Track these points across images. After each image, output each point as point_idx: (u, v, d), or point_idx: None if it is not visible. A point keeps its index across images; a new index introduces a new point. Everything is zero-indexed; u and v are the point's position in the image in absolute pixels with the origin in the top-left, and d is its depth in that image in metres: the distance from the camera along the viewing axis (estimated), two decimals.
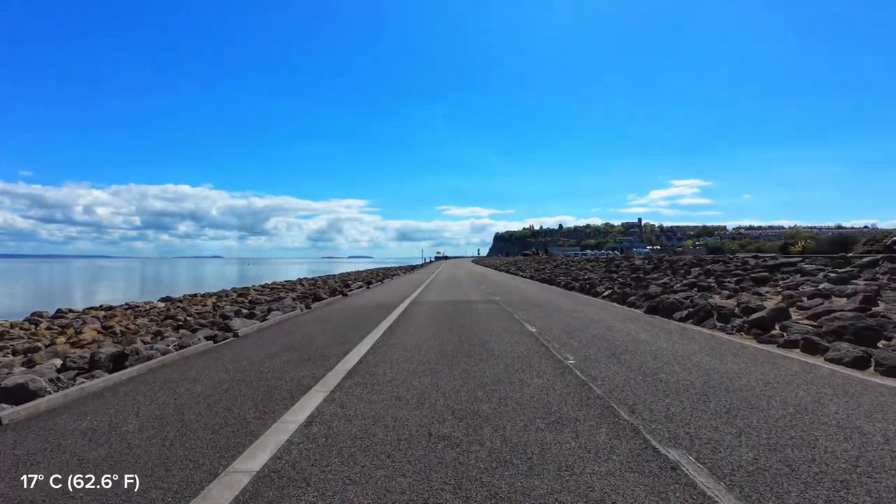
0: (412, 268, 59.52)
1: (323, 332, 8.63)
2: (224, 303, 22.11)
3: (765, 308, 8.28)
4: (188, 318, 16.80)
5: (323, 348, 6.99)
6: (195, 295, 26.37)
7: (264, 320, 11.05)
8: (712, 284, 11.75)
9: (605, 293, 13.80)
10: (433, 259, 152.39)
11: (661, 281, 14.66)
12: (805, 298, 8.66)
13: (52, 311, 17.88)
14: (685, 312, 8.93)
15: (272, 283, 34.38)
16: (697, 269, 15.10)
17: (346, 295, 17.50)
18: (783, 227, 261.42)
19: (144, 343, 11.57)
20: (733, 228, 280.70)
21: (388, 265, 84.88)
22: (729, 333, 7.57)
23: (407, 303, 13.56)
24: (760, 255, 17.95)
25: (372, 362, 5.96)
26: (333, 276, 46.13)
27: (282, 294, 23.56)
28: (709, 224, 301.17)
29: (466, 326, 8.76)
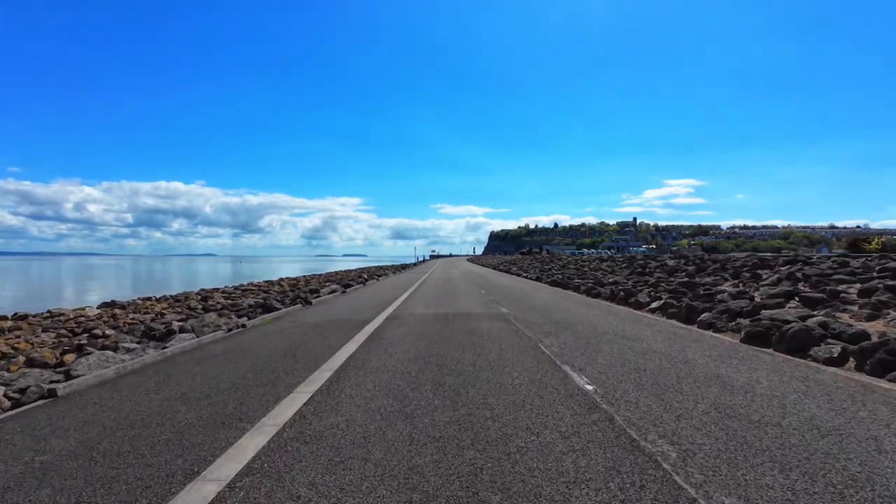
0: (403, 267, 55.67)
1: (218, 386, 4.92)
2: (175, 310, 18.40)
3: None
4: (109, 331, 13.17)
5: (168, 442, 3.31)
6: (148, 299, 22.63)
7: (165, 347, 7.44)
8: (822, 296, 8.17)
9: (653, 305, 10.16)
10: (427, 258, 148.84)
11: (722, 287, 11.06)
12: None
13: None
14: (837, 350, 5.29)
15: (248, 284, 30.69)
16: (767, 271, 11.50)
17: (311, 303, 13.77)
18: (777, 227, 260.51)
19: None
20: (727, 228, 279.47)
21: (383, 263, 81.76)
22: None
23: (382, 318, 9.88)
24: (856, 253, 14.39)
25: None
26: (319, 275, 42.34)
27: (242, 300, 19.88)
28: (703, 224, 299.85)
29: (468, 377, 5.07)
